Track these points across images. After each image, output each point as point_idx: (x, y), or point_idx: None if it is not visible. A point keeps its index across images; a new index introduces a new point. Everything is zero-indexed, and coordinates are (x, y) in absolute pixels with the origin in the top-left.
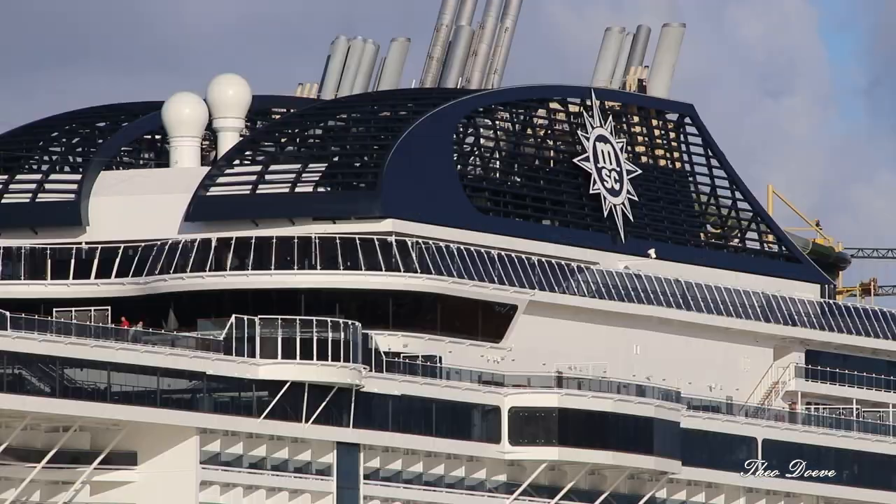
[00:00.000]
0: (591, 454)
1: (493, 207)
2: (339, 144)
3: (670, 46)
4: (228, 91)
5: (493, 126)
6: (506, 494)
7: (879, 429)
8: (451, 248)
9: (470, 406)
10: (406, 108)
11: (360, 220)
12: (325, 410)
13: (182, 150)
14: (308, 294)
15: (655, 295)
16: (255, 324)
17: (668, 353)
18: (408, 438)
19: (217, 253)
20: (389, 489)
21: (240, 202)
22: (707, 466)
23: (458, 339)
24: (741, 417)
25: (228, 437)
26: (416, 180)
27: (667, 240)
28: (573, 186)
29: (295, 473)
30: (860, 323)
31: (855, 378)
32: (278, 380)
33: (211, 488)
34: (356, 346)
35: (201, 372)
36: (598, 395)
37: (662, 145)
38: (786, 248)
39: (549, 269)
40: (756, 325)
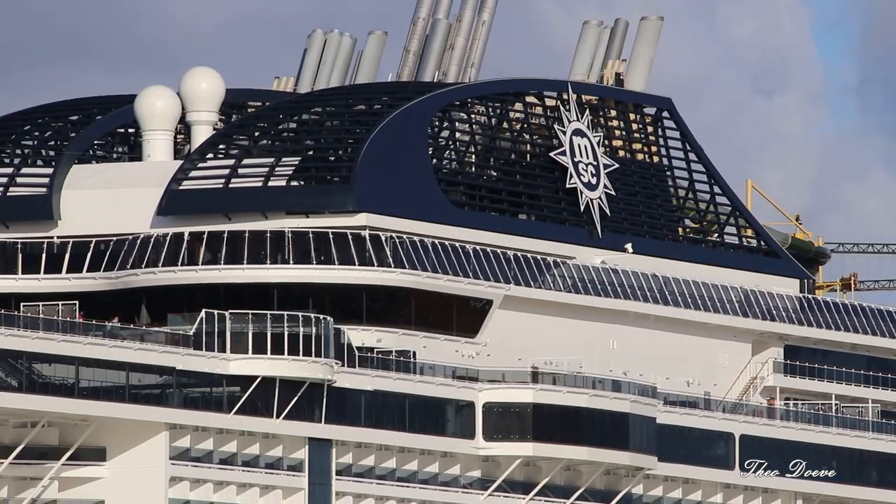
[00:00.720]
0: (565, 450)
1: (469, 202)
2: (312, 138)
3: (648, 40)
4: (202, 84)
5: (468, 120)
6: (480, 490)
7: (858, 424)
8: (425, 242)
9: (444, 401)
10: (380, 102)
11: (333, 215)
12: (297, 406)
13: (155, 144)
14: (281, 288)
15: (632, 290)
16: (226, 318)
17: (646, 348)
18: (381, 434)
19: (189, 247)
20: (362, 485)
21: (212, 196)
22: (684, 462)
23: (433, 334)
24: (718, 413)
25: (198, 433)
26: (391, 174)
27: (644, 234)
28: (549, 181)
29: (266, 469)
30: (839, 318)
31: (834, 373)
32: (249, 375)
33: (180, 484)
34: (328, 340)
35: (171, 367)
36: (573, 391)
37: (640, 139)
38: (765, 242)
39: (525, 263)
40: (734, 321)
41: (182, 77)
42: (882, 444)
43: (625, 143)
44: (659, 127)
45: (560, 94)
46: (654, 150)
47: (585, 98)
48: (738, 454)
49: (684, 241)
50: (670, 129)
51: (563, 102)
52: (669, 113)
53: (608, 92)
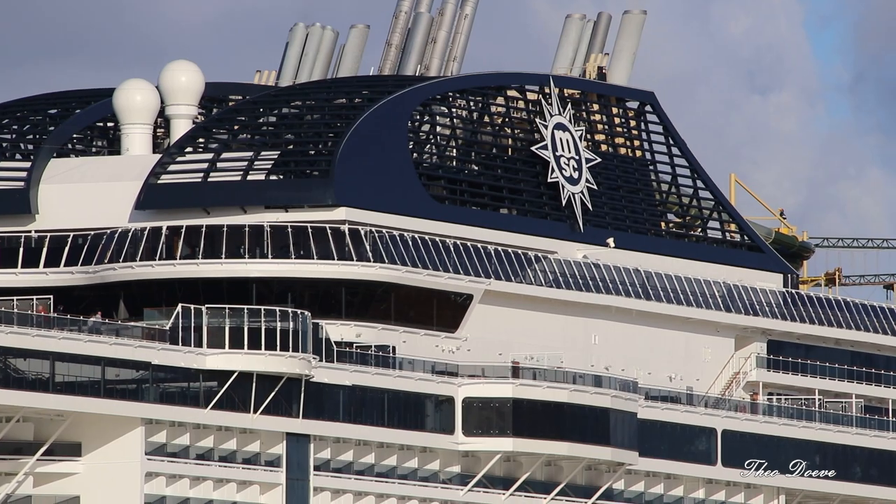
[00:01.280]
0: (545, 445)
1: (449, 196)
2: (292, 132)
3: (631, 34)
4: (181, 78)
5: (449, 114)
6: (460, 486)
7: (842, 419)
8: (405, 236)
9: (423, 396)
10: (361, 96)
11: (312, 209)
12: (274, 401)
13: (133, 138)
14: (259, 283)
15: (614, 284)
16: (202, 313)
17: (628, 343)
18: (359, 429)
19: (167, 241)
20: (340, 480)
21: (191, 190)
22: (666, 458)
23: (413, 328)
24: (700, 408)
25: (174, 428)
26: (370, 168)
27: (626, 229)
28: (531, 175)
29: (243, 464)
30: (823, 313)
31: (817, 368)
32: (226, 370)
33: (156, 479)
34: (305, 335)
35: (146, 362)
36: (554, 386)
37: (623, 133)
38: (748, 237)
39: (506, 258)
40: (717, 315)
41: (161, 70)
42: (866, 440)
43: (607, 137)
44: (642, 121)
45: (542, 87)
46: (637, 145)
47: (567, 92)
48: (721, 449)
49: (667, 235)
50: (653, 123)
51: (544, 96)
52: (652, 107)
53: (590, 86)
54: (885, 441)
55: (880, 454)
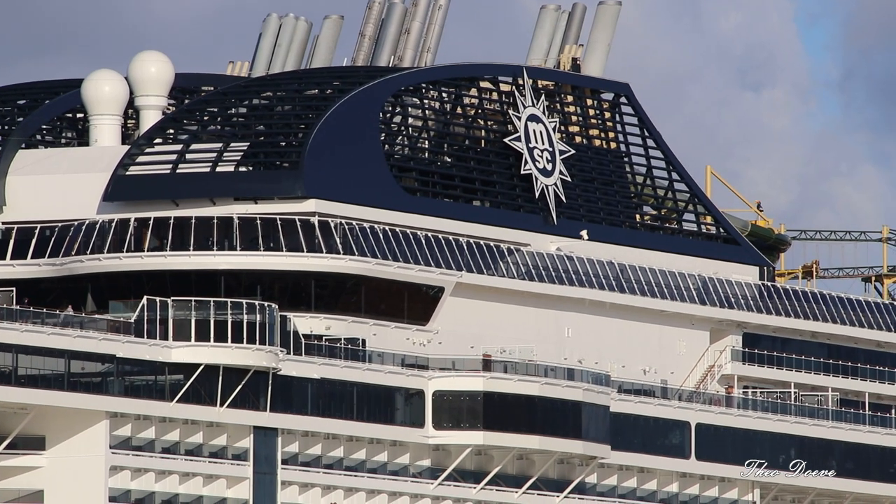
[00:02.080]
0: (516, 438)
1: (421, 188)
2: (262, 123)
3: (606, 25)
4: (150, 68)
5: (421, 105)
6: (430, 480)
7: (818, 413)
8: (375, 229)
9: (393, 390)
10: (332, 87)
11: (282, 201)
12: (241, 394)
13: (102, 129)
14: (228, 275)
15: (588, 277)
16: (168, 305)
17: (601, 336)
18: (328, 423)
19: (136, 233)
20: (309, 474)
21: (159, 182)
22: (639, 451)
23: (383, 321)
24: (674, 401)
25: (140, 422)
26: (341, 160)
27: (601, 221)
28: (504, 167)
29: (210, 458)
30: (799, 305)
31: (793, 361)
32: (191, 363)
33: (121, 473)
34: (273, 328)
35: (111, 355)
36: (525, 379)
37: (597, 125)
38: (724, 229)
39: (478, 250)
40: (692, 308)
41: (130, 61)
42: (841, 433)
43: (581, 128)
44: (616, 113)
45: (515, 79)
46: (612, 136)
47: (541, 83)
48: (695, 443)
49: (642, 228)
50: (628, 115)
51: (518, 87)
52: (627, 98)
53: (565, 77)
54: (860, 434)
55: (856, 448)
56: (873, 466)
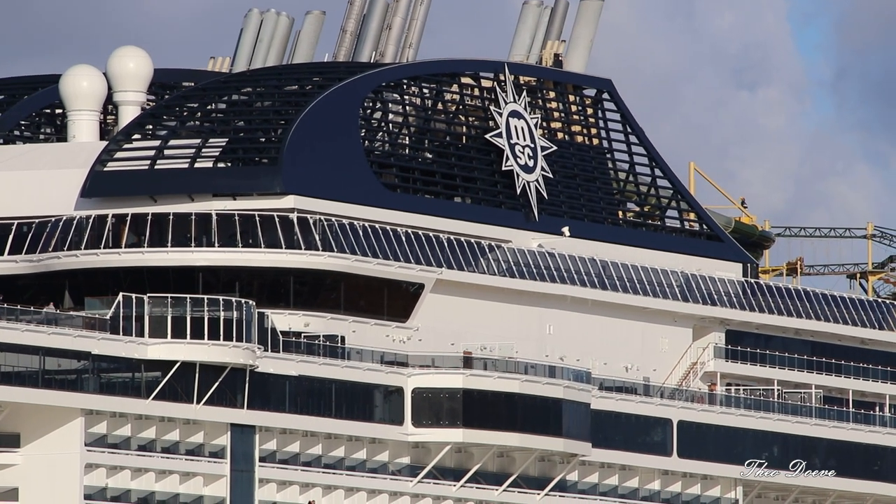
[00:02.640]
0: (496, 436)
1: (402, 184)
2: (241, 119)
3: (588, 20)
4: (129, 64)
5: (401, 101)
6: (409, 477)
7: (801, 410)
8: (355, 225)
9: (372, 387)
10: (312, 83)
11: (261, 197)
12: (218, 391)
13: (80, 125)
14: (206, 272)
15: (569, 274)
16: (144, 302)
17: (583, 333)
18: (306, 420)
19: (113, 230)
20: (287, 472)
21: (137, 178)
22: (620, 448)
23: (363, 318)
24: (656, 399)
25: (116, 419)
26: (320, 156)
27: (583, 218)
28: (485, 163)
29: (186, 456)
30: (782, 302)
31: (777, 359)
32: (168, 360)
33: (97, 471)
34: (249, 325)
35: (86, 352)
36: (505, 376)
37: (579, 121)
38: (707, 226)
39: (459, 247)
40: (674, 305)
41: (109, 56)
42: (824, 430)
43: (563, 124)
44: (599, 109)
45: (497, 75)
46: (594, 133)
47: (523, 79)
48: (677, 440)
49: (624, 224)
50: (610, 111)
51: (499, 84)
52: (610, 94)
53: (547, 73)
54: (844, 432)
55: (839, 445)
56: (857, 464)
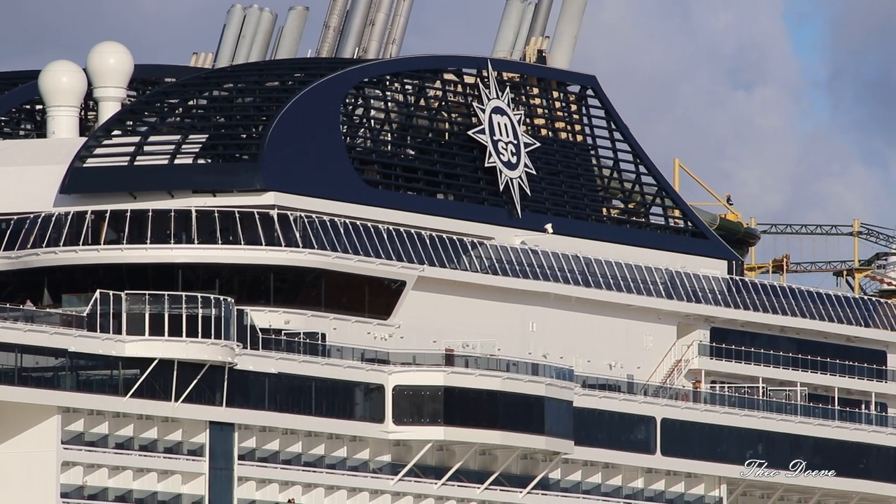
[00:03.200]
0: (477, 434)
1: (384, 181)
2: (222, 115)
3: (573, 17)
4: (109, 59)
5: (383, 97)
6: (390, 475)
7: (785, 408)
8: (336, 222)
9: (352, 384)
10: (293, 79)
11: (241, 193)
12: (197, 389)
13: (60, 120)
14: (185, 269)
15: (552, 271)
16: (122, 299)
17: (566, 330)
18: (286, 418)
19: (93, 226)
20: (266, 470)
21: (117, 174)
22: (603, 446)
23: (344, 315)
24: (639, 396)
25: (93, 417)
26: (301, 152)
27: (567, 214)
28: (468, 160)
29: (164, 454)
30: (767, 300)
31: (761, 356)
32: (146, 357)
33: (73, 469)
34: (228, 322)
35: (63, 349)
36: (486, 374)
37: (563, 118)
38: (692, 223)
39: (441, 244)
40: (658, 302)
41: (89, 52)
42: (809, 428)
43: (547, 121)
44: (583, 105)
45: (479, 71)
46: (578, 129)
47: (507, 75)
48: (660, 438)
49: (608, 221)
50: (594, 108)
51: (482, 80)
52: (594, 91)
53: (530, 69)
54: (829, 430)
55: (825, 443)
56: (842, 462)
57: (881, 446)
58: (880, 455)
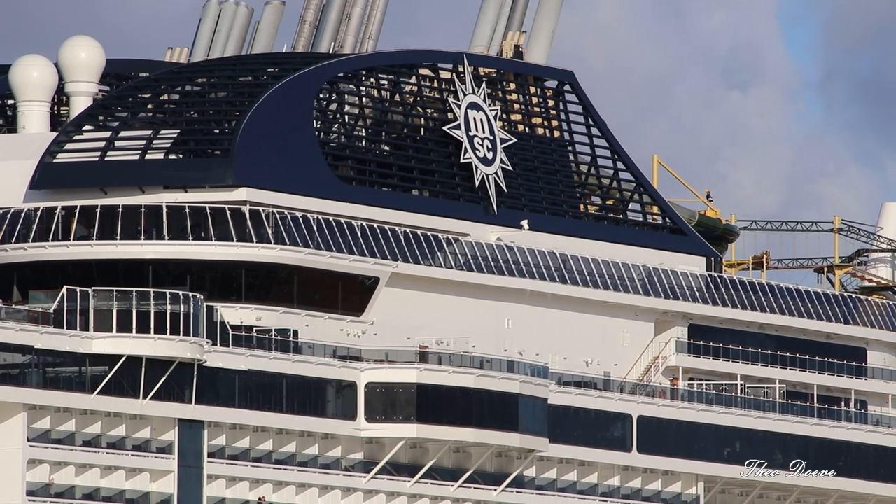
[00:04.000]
0: (451, 431)
1: (358, 177)
2: (194, 110)
3: (550, 11)
4: (81, 54)
5: (358, 92)
6: (363, 473)
7: (763, 405)
8: (308, 218)
9: (324, 382)
10: (266, 73)
11: (213, 189)
12: (165, 386)
13: (30, 115)
14: (156, 265)
15: (528, 268)
16: (89, 296)
17: (542, 327)
18: (256, 415)
19: (63, 222)
20: (236, 468)
21: (87, 169)
22: (579, 444)
23: (316, 312)
24: (615, 394)
25: (59, 414)
26: (273, 147)
27: (543, 210)
28: (443, 155)
29: (133, 451)
30: (746, 296)
31: (739, 353)
32: (113, 354)
33: (40, 467)
34: (197, 319)
35: (29, 346)
36: (459, 371)
37: (540, 113)
38: (670, 219)
39: (415, 240)
40: (635, 299)
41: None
42: (787, 426)
43: (524, 117)
44: (560, 101)
45: (455, 66)
46: (555, 125)
47: (483, 71)
48: (636, 436)
49: (585, 217)
50: (572, 104)
51: (458, 75)
52: (571, 86)
53: (507, 64)
54: (807, 427)
55: (803, 440)
56: (821, 459)
57: (860, 444)
58: (859, 453)
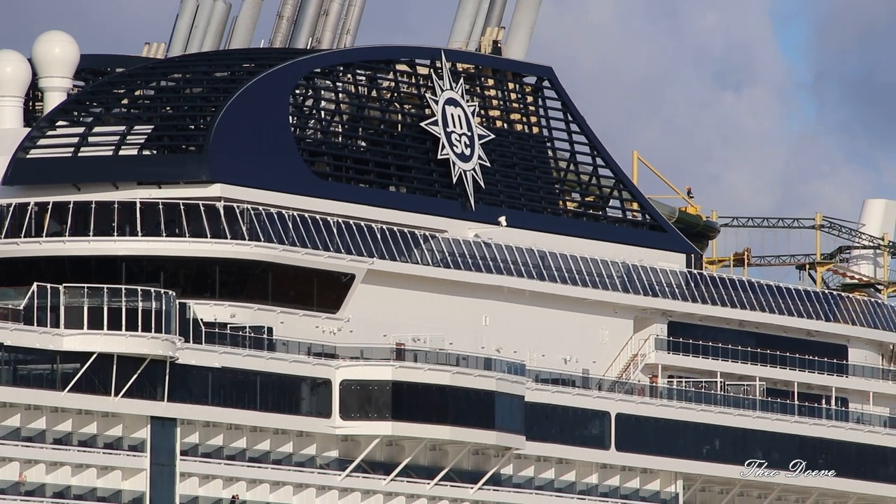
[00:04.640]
0: (426, 429)
1: (334, 173)
2: (169, 105)
3: (529, 6)
4: (55, 49)
5: (334, 88)
6: (338, 471)
7: (743, 402)
8: (283, 214)
9: (298, 379)
10: (242, 69)
11: (187, 185)
12: (137, 383)
13: (3, 111)
14: (129, 261)
15: (506, 264)
16: (60, 292)
17: (520, 324)
18: (229, 413)
19: (37, 218)
20: (210, 466)
21: (60, 165)
22: (557, 442)
23: (291, 309)
24: (593, 391)
25: (30, 412)
26: (248, 143)
27: (522, 207)
28: (421, 151)
29: (104, 449)
30: (726, 293)
31: (719, 350)
32: (84, 351)
33: (9, 465)
34: (169, 315)
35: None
36: (435, 368)
37: (518, 109)
38: (650, 216)
39: (392, 237)
40: (614, 296)
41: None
42: (767, 423)
43: (502, 113)
44: (539, 97)
45: (433, 62)
46: (534, 121)
47: (461, 66)
48: (615, 433)
49: (564, 214)
50: (551, 100)
51: (435, 70)
52: (550, 82)
53: (485, 60)
54: (787, 425)
55: (782, 438)
56: (801, 457)
57: (841, 441)
58: (841, 450)
